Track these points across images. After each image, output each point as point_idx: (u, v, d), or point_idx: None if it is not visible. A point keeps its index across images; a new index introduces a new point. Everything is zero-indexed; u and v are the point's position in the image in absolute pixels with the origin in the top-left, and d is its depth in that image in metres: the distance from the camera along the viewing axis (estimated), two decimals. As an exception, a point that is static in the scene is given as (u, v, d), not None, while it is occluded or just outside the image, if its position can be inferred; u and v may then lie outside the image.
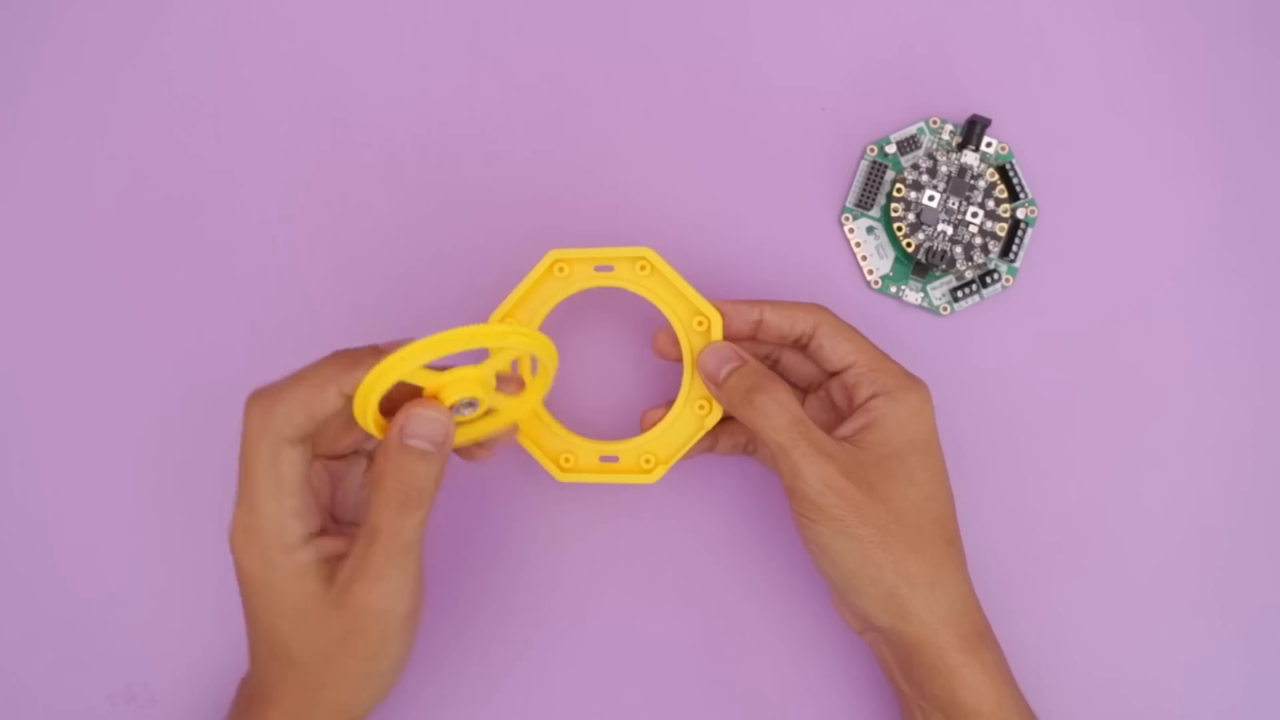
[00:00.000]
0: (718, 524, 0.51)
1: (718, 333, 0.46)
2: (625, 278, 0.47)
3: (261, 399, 0.40)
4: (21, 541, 0.51)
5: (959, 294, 0.52)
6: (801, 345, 0.47)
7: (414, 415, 0.40)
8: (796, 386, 0.49)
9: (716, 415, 0.47)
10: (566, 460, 0.48)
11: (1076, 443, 0.52)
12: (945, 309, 0.52)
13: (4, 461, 0.51)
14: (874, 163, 0.52)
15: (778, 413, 0.44)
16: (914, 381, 0.46)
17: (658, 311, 0.49)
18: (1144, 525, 0.51)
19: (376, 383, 0.39)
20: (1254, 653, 0.51)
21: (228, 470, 0.51)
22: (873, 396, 0.45)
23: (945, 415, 0.51)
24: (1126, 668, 0.51)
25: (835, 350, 0.46)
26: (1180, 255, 0.52)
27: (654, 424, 0.47)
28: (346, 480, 0.45)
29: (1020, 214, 0.52)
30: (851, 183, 0.52)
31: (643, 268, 0.47)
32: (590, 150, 0.52)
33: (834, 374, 0.47)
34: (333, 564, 0.41)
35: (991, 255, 0.52)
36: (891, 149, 0.52)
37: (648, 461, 0.47)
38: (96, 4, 0.53)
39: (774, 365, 0.49)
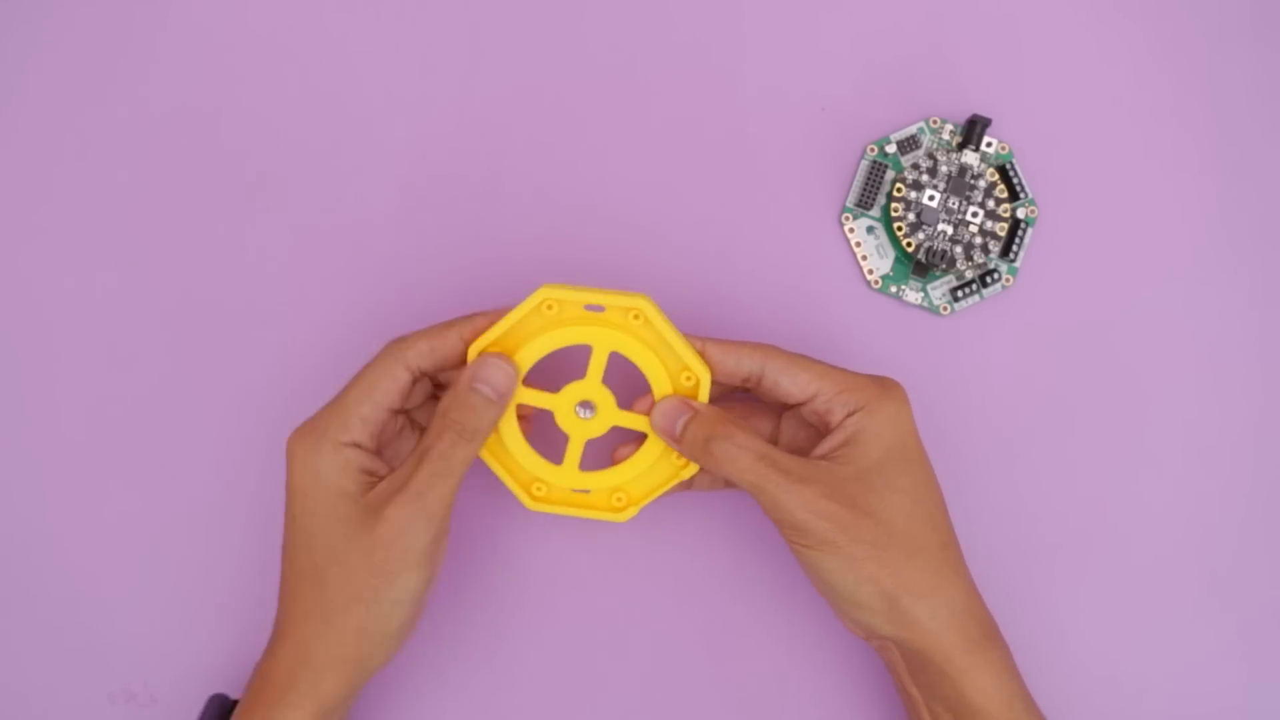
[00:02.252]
0: (715, 527, 0.51)
1: (704, 393, 0.45)
2: (615, 323, 0.45)
3: (395, 340, 0.45)
4: (21, 541, 0.51)
5: (959, 294, 0.52)
6: (750, 386, 0.46)
7: (485, 363, 0.44)
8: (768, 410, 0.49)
9: (694, 467, 0.46)
10: (538, 489, 0.47)
11: (1076, 442, 0.52)
12: (945, 309, 0.52)
13: (3, 462, 0.51)
14: (874, 162, 0.52)
15: (739, 455, 0.43)
16: (886, 389, 0.45)
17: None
18: (1144, 524, 0.51)
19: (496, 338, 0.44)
20: (1255, 651, 0.51)
21: (228, 469, 0.51)
22: (848, 415, 0.44)
23: (945, 415, 0.51)
24: (1127, 667, 0.51)
25: (795, 383, 0.45)
26: (1180, 254, 0.52)
27: (625, 459, 0.47)
28: (397, 443, 0.47)
29: (1020, 214, 0.52)
30: (851, 183, 0.52)
31: (635, 316, 0.45)
32: (591, 151, 0.52)
33: (797, 405, 0.46)
34: (370, 480, 0.44)
35: (991, 255, 0.51)
36: (891, 149, 0.52)
37: (619, 500, 0.47)
38: (89, 4, 0.53)
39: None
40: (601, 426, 0.46)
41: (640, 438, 0.47)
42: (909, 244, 0.51)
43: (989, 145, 0.52)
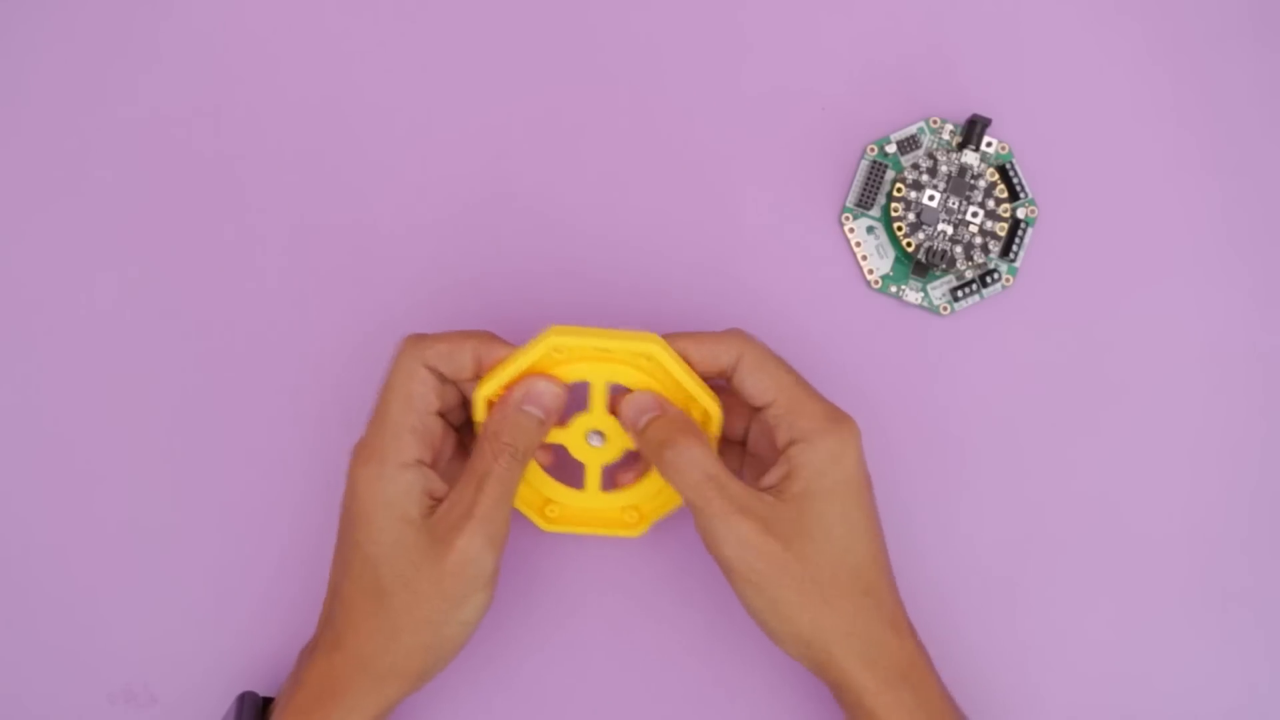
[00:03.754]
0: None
1: (716, 428, 0.45)
2: (623, 361, 0.45)
3: (413, 335, 0.45)
4: (21, 542, 0.51)
5: (959, 294, 0.52)
6: (727, 378, 0.45)
7: (532, 384, 0.44)
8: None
9: None
10: (551, 511, 0.48)
11: (1077, 441, 0.51)
12: (945, 309, 0.52)
13: (2, 461, 0.51)
14: (874, 162, 0.52)
15: (689, 469, 0.43)
16: (834, 424, 0.44)
17: None
18: (1146, 525, 0.51)
19: (505, 373, 0.44)
20: (1259, 658, 0.51)
21: (229, 469, 0.51)
22: (790, 444, 0.44)
23: (945, 415, 0.51)
24: (1131, 663, 0.51)
25: (756, 386, 0.44)
26: (1181, 254, 0.52)
27: (626, 483, 0.47)
28: (444, 448, 0.47)
29: (1020, 214, 0.52)
30: (851, 182, 0.52)
31: (647, 359, 0.44)
32: (590, 151, 0.52)
33: (758, 409, 0.45)
34: (433, 501, 0.44)
35: (991, 255, 0.52)
36: (891, 149, 0.52)
37: (632, 516, 0.48)
38: (89, 5, 0.53)
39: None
40: (615, 452, 0.47)
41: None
42: (909, 244, 0.51)
43: (989, 145, 0.52)
